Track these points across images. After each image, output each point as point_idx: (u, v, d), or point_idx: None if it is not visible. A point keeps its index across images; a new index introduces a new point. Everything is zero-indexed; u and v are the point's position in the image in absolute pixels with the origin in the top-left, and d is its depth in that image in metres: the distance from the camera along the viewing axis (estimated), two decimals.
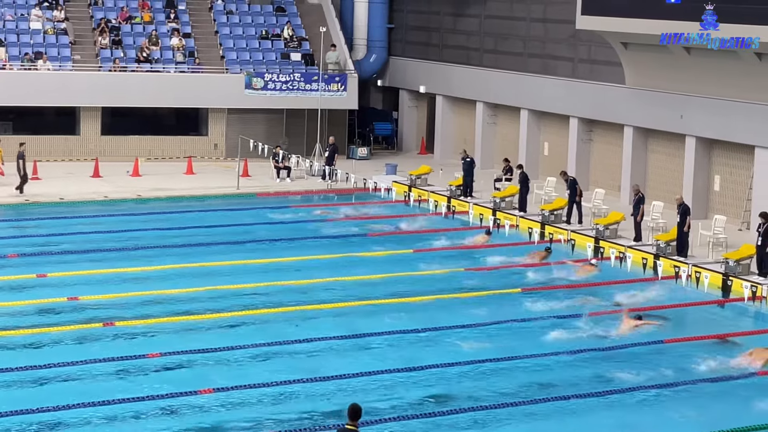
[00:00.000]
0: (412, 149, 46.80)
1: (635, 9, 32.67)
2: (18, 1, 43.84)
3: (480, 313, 23.77)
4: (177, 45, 43.38)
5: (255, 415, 17.82)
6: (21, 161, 35.24)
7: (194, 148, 42.58)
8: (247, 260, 27.93)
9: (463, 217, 33.41)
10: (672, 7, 31.61)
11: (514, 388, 19.45)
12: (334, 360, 20.64)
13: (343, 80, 43.09)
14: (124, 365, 19.91)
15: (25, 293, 24.57)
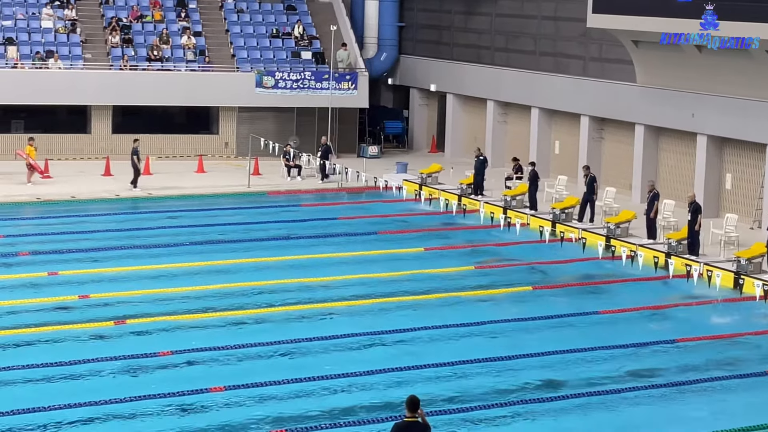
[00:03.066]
0: (423, 148, 46.77)
1: (646, 7, 32.60)
2: (29, 0, 43.93)
3: (491, 311, 23.73)
4: (188, 44, 43.42)
5: (266, 414, 17.80)
6: (135, 157, 35.74)
7: (205, 146, 42.62)
8: (257, 258, 27.94)
9: (474, 215, 33.36)
10: (683, 6, 31.51)
11: (520, 384, 19.40)
12: (344, 357, 20.62)
13: (353, 79, 43.08)
14: (135, 363, 19.92)
15: (37, 291, 24.60)
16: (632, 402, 18.87)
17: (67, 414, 17.43)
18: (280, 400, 18.42)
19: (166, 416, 17.65)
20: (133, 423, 17.35)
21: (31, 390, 18.60)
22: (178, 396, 18.27)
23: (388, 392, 18.80)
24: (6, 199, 34.51)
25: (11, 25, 42.76)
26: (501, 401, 18.54)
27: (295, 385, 18.91)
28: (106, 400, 17.90)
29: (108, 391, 18.33)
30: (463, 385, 19.30)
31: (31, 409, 17.44)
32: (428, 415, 17.16)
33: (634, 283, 26.76)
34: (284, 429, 17.17)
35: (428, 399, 18.10)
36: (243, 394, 18.51)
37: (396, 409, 17.85)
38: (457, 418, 17.81)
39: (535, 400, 18.67)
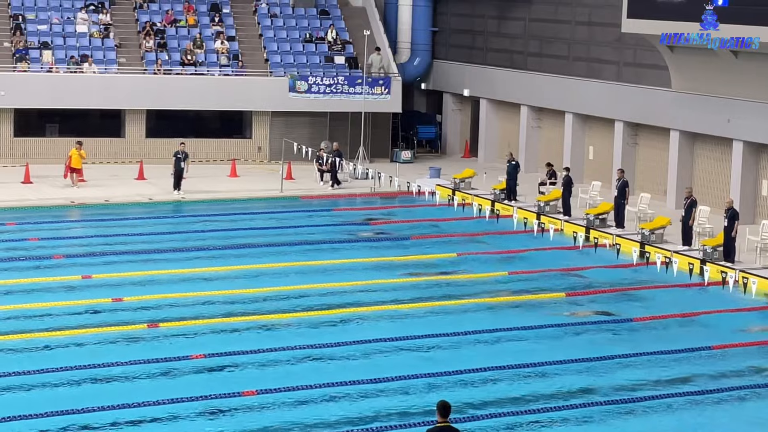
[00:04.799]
0: (456, 153, 46.68)
1: (682, 12, 32.37)
2: (64, 4, 44.19)
3: (524, 317, 23.62)
4: (221, 48, 43.52)
5: (298, 418, 17.76)
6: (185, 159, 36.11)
7: (238, 150, 42.70)
8: (290, 262, 27.93)
9: (507, 220, 33.24)
10: (718, 10, 31.24)
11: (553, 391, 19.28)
12: (375, 362, 20.54)
13: (387, 83, 43.04)
14: (167, 366, 19.93)
15: (71, 294, 24.70)
16: (666, 409, 18.71)
17: (100, 417, 17.45)
18: (312, 404, 18.38)
19: (198, 419, 17.64)
20: (165, 426, 17.36)
21: (64, 392, 18.64)
22: (211, 399, 18.27)
23: (419, 397, 18.70)
24: (41, 202, 34.71)
25: (47, 30, 43.01)
26: (534, 408, 18.40)
27: (326, 390, 18.86)
28: (138, 403, 17.92)
29: (141, 394, 18.34)
30: (495, 391, 19.19)
31: (65, 412, 17.48)
32: (460, 421, 17.15)
33: (669, 289, 26.56)
34: None
35: (460, 405, 18.01)
36: (275, 398, 18.48)
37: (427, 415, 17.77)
38: (489, 425, 17.70)
39: (568, 406, 18.53)
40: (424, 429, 14.03)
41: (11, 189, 36.08)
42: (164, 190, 36.36)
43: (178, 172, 36.24)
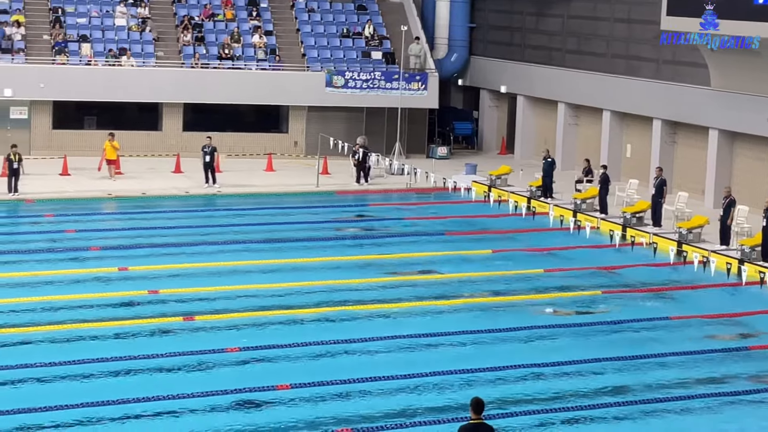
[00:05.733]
0: (493, 149, 46.55)
1: (722, 10, 32.08)
2: None
3: (559, 315, 23.50)
4: (258, 42, 43.61)
5: (332, 412, 17.76)
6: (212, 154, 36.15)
7: (274, 145, 42.77)
8: (325, 257, 27.96)
9: (543, 218, 33.10)
10: (760, 8, 30.99)
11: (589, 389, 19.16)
12: (410, 357, 20.52)
13: (423, 79, 42.98)
14: (202, 359, 19.98)
15: (107, 286, 24.83)
16: (703, 409, 18.56)
17: (135, 408, 17.53)
18: (346, 399, 18.37)
19: (232, 412, 17.68)
20: (200, 418, 17.40)
21: (100, 383, 18.74)
22: (245, 392, 18.30)
23: (454, 394, 18.65)
24: (78, 194, 34.92)
25: (85, 23, 43.25)
26: (568, 405, 18.31)
27: (361, 385, 18.84)
28: (173, 395, 17.99)
29: (175, 387, 18.40)
30: (530, 389, 19.10)
31: (101, 402, 17.57)
32: (497, 417, 17.10)
33: (706, 289, 26.36)
34: (350, 428, 17.10)
35: (495, 401, 17.95)
36: (309, 392, 18.49)
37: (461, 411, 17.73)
38: (523, 422, 17.63)
39: (602, 405, 18.42)
40: (457, 425, 13.98)
41: (49, 181, 36.33)
42: (201, 184, 36.45)
43: (206, 165, 36.30)
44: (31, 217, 32.41)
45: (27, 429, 16.68)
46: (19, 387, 18.40)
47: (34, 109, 40.86)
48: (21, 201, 33.88)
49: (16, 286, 24.50)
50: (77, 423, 16.97)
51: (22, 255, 27.28)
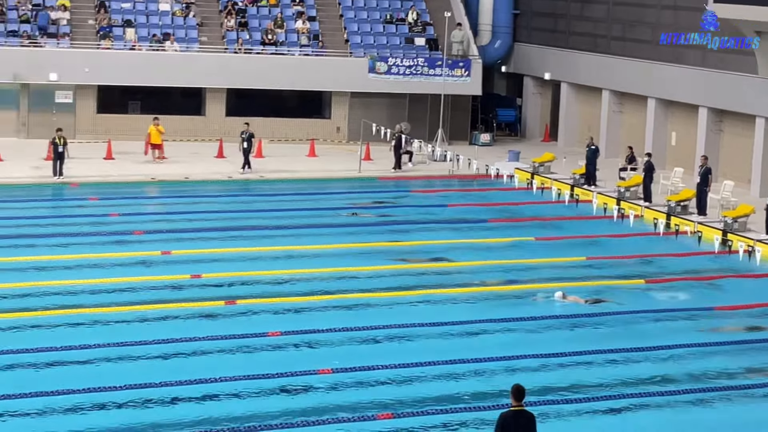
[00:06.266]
0: (536, 136, 46.33)
1: None
2: None
3: (602, 303, 23.34)
4: (302, 28, 43.59)
5: (373, 397, 17.73)
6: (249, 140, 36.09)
7: (317, 130, 42.78)
8: (366, 243, 27.93)
9: (587, 206, 32.88)
10: None
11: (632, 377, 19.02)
12: (453, 344, 20.46)
13: (467, 66, 42.80)
14: (244, 343, 20.02)
15: (150, 269, 24.95)
16: (746, 399, 18.37)
17: (177, 390, 17.61)
18: (388, 384, 18.35)
19: (273, 396, 17.70)
20: (242, 401, 17.44)
21: (142, 366, 18.84)
22: (287, 377, 18.32)
23: (495, 380, 18.57)
24: (122, 178, 35.11)
25: (130, 8, 43.44)
26: (611, 394, 18.18)
27: (403, 370, 18.81)
28: (215, 378, 18.04)
29: (216, 370, 18.45)
30: (572, 377, 18.98)
31: (144, 385, 17.67)
32: (536, 405, 17.00)
33: (751, 279, 26.08)
34: (391, 413, 17.08)
35: (535, 389, 17.85)
36: (350, 377, 18.48)
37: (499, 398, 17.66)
38: (565, 410, 17.53)
39: (646, 394, 18.28)
40: (498, 412, 13.93)
41: (94, 165, 36.57)
42: (238, 169, 36.46)
43: (244, 151, 36.34)
44: (75, 200, 32.63)
45: (73, 410, 16.79)
46: (65, 368, 18.52)
47: (78, 94, 41.11)
48: (66, 184, 34.12)
49: (61, 268, 24.67)
50: (121, 405, 17.05)
51: (66, 238, 27.46)
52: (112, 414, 16.78)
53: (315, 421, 16.73)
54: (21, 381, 17.81)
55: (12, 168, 35.56)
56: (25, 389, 17.31)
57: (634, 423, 17.39)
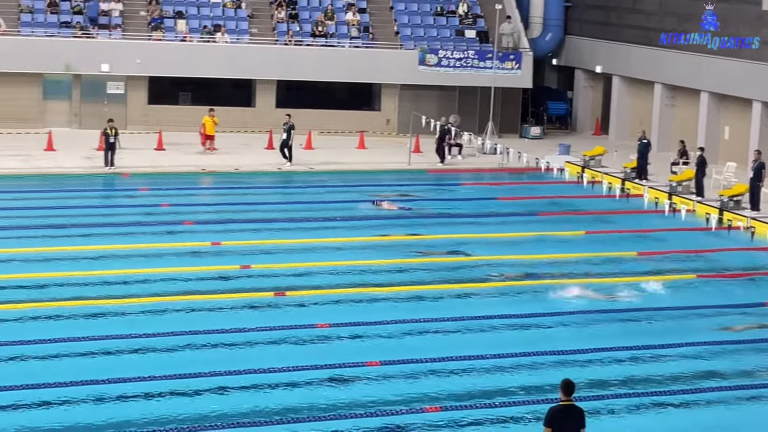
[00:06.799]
0: (587, 130, 46.03)
1: None
2: None
3: (652, 298, 23.11)
4: (352, 20, 43.58)
5: (421, 391, 17.69)
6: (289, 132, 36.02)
7: (366, 122, 42.76)
8: (415, 235, 27.86)
9: (638, 200, 32.60)
10: None
11: (679, 372, 18.84)
12: (500, 337, 20.37)
13: (517, 58, 42.60)
14: (292, 334, 20.04)
15: (200, 260, 25.06)
16: None
17: (226, 380, 17.65)
18: (435, 377, 18.28)
19: (321, 387, 17.70)
20: (290, 392, 17.46)
21: (191, 356, 18.91)
22: (335, 368, 18.32)
23: (546, 374, 18.46)
24: (173, 168, 35.30)
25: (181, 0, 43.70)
26: (660, 390, 18.00)
27: (451, 363, 18.74)
28: (263, 369, 18.07)
29: (265, 361, 18.49)
30: (620, 372, 18.82)
31: (194, 374, 17.73)
32: (587, 399, 16.88)
33: None
34: (439, 406, 17.03)
35: (582, 384, 17.71)
36: (398, 369, 18.43)
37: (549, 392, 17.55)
38: (613, 405, 17.38)
39: (694, 390, 18.09)
40: (547, 407, 13.84)
41: (145, 155, 36.80)
42: (292, 161, 36.51)
43: (283, 143, 36.30)
44: (126, 190, 32.86)
45: (124, 399, 16.88)
46: (119, 357, 18.65)
47: (130, 85, 41.38)
48: (117, 175, 34.36)
49: (112, 258, 24.84)
50: (173, 394, 17.13)
51: (117, 228, 27.64)
52: (162, 403, 16.84)
53: (363, 412, 16.72)
54: (73, 369, 17.93)
55: (64, 158, 35.88)
56: (78, 377, 17.41)
57: (685, 419, 17.22)
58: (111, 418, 16.25)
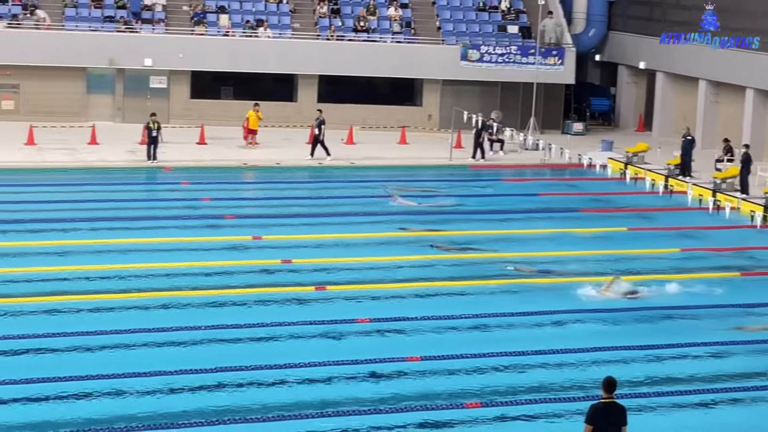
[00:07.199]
0: (630, 126, 45.73)
1: None
2: None
3: (695, 296, 22.91)
4: (394, 15, 43.54)
5: (461, 386, 17.62)
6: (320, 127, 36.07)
7: (408, 118, 42.70)
8: (455, 231, 27.77)
9: (681, 197, 32.34)
10: None
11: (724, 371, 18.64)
12: (541, 334, 20.26)
13: (560, 54, 42.37)
14: (333, 329, 20.04)
15: (241, 254, 25.11)
16: None
17: (266, 374, 17.68)
18: (476, 373, 18.21)
19: (361, 382, 17.69)
20: (329, 386, 17.46)
21: (231, 349, 18.94)
22: (375, 363, 18.29)
23: (589, 371, 18.34)
24: (214, 163, 35.42)
25: None
26: (705, 388, 17.85)
27: (491, 359, 18.66)
28: (303, 363, 18.08)
29: (305, 355, 18.51)
30: (663, 370, 18.67)
31: (236, 368, 17.77)
32: (628, 397, 16.76)
33: None
34: (479, 402, 16.97)
35: (625, 382, 17.59)
36: (439, 364, 18.38)
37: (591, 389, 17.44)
38: (656, 402, 17.24)
39: (741, 388, 17.91)
40: (588, 404, 13.74)
41: (187, 149, 36.96)
42: (333, 155, 36.54)
43: (315, 138, 36.27)
44: (168, 184, 33.02)
45: (170, 392, 16.94)
46: (161, 350, 18.72)
47: (172, 79, 41.57)
48: (159, 168, 34.53)
49: (154, 251, 24.94)
50: (215, 386, 17.18)
51: (159, 221, 27.76)
52: (204, 395, 16.89)
53: (404, 407, 16.68)
54: (117, 361, 18.06)
55: (107, 152, 36.11)
56: (121, 369, 17.54)
57: (729, 417, 17.04)
58: (161, 409, 16.30)
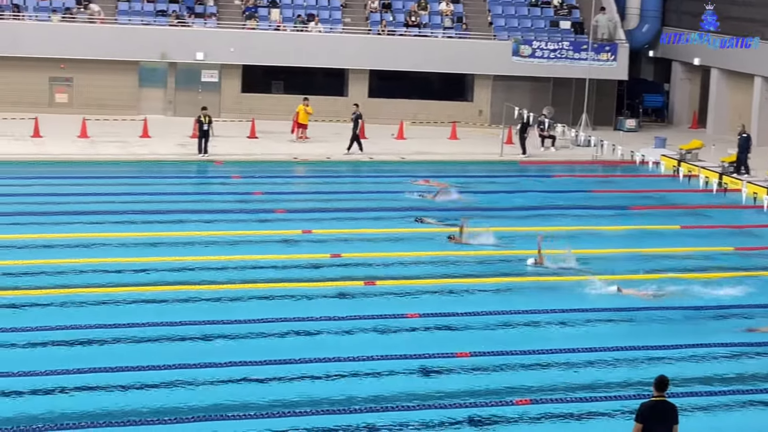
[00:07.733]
0: (683, 123, 45.27)
1: None
2: None
3: (749, 295, 22.57)
4: (445, 10, 43.39)
5: (510, 383, 17.49)
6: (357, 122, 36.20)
7: (459, 113, 42.55)
8: (504, 227, 27.53)
9: (736, 195, 31.94)
10: None
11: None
12: (588, 332, 20.05)
13: (613, 50, 42.01)
14: (382, 323, 19.97)
15: (291, 248, 25.12)
16: None
17: (316, 368, 17.64)
18: (524, 370, 18.07)
19: (410, 377, 17.61)
20: (377, 381, 17.39)
21: (281, 342, 18.93)
22: (424, 359, 18.22)
23: (640, 369, 18.13)
24: (265, 157, 35.49)
25: None
26: (751, 388, 17.57)
27: (539, 356, 18.50)
28: (351, 357, 18.03)
29: (353, 349, 18.44)
30: (710, 368, 18.44)
31: (280, 361, 17.75)
32: (674, 396, 16.53)
33: None
34: (528, 399, 16.82)
35: (677, 380, 17.37)
36: (488, 361, 18.26)
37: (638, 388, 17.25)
38: (705, 402, 17.03)
39: None
40: (639, 401, 13.57)
41: (238, 143, 37.06)
42: (384, 150, 36.52)
43: (354, 132, 36.21)
44: (219, 178, 33.13)
45: (216, 383, 16.95)
46: (210, 343, 18.75)
47: (224, 73, 41.70)
48: (210, 162, 34.65)
49: (206, 244, 25.02)
50: (263, 380, 17.17)
51: (210, 215, 27.85)
52: (250, 388, 16.90)
53: (453, 403, 16.58)
54: (167, 353, 18.11)
55: (158, 145, 36.30)
56: (170, 361, 17.61)
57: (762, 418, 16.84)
58: (207, 401, 16.33)
